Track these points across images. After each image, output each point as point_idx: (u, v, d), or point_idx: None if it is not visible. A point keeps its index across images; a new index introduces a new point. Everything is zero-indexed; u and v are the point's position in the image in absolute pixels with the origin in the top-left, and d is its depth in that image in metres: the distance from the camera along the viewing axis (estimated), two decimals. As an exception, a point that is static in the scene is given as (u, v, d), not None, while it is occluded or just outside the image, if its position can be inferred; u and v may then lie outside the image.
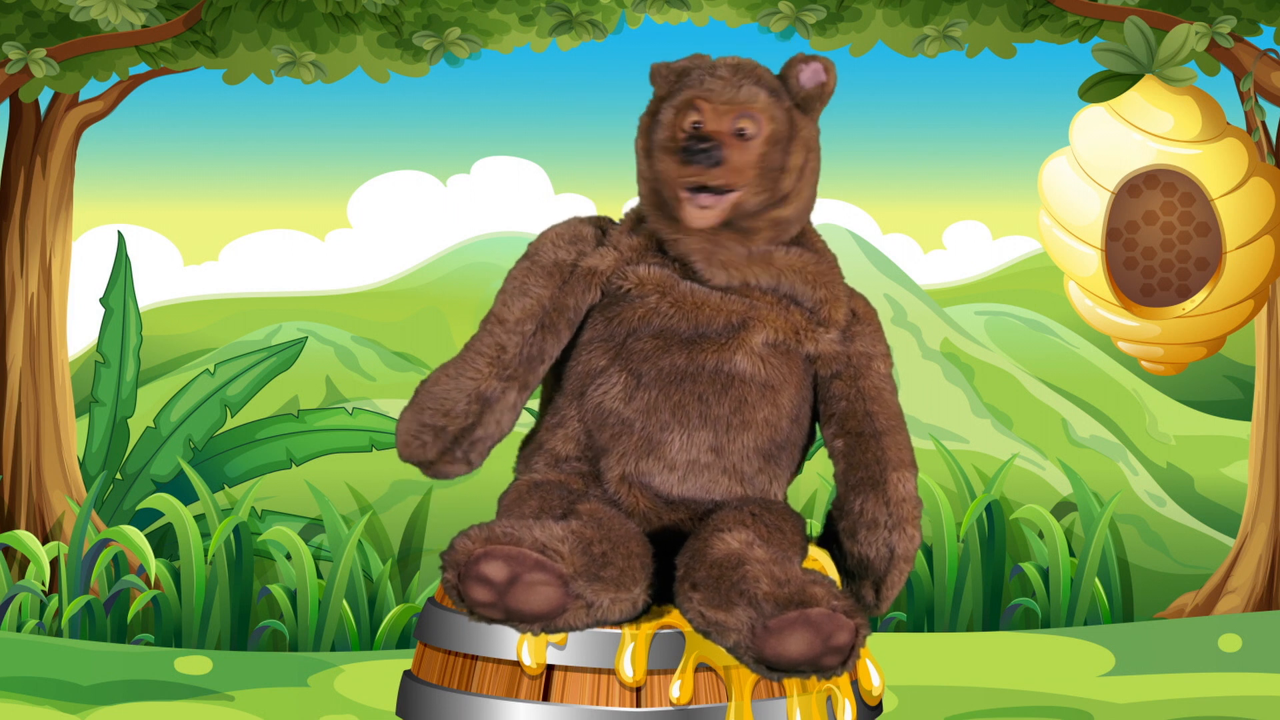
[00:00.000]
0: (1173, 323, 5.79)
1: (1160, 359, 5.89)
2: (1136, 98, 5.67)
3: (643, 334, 3.16)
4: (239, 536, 6.09)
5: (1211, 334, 5.81)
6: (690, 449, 3.14)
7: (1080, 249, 5.79)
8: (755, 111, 3.14)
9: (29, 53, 5.72)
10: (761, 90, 3.16)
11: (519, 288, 3.22)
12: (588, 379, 3.19)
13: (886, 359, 3.29)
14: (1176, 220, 5.74)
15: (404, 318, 7.55)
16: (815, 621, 2.86)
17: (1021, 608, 6.23)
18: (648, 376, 3.14)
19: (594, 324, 3.21)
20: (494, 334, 3.20)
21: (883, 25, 5.90)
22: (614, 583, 2.95)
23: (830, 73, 3.22)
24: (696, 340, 3.15)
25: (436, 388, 3.20)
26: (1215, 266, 5.70)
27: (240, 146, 7.40)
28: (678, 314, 3.15)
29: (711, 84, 3.16)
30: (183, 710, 4.87)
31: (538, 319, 3.19)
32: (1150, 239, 5.76)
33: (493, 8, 5.84)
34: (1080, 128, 5.77)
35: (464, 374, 3.19)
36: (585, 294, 3.21)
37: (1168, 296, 5.79)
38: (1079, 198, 5.79)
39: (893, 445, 3.23)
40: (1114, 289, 5.77)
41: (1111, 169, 5.74)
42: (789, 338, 3.19)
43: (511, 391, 3.19)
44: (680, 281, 3.17)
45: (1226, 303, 5.73)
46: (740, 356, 3.15)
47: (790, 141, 3.17)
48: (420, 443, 3.20)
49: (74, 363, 6.53)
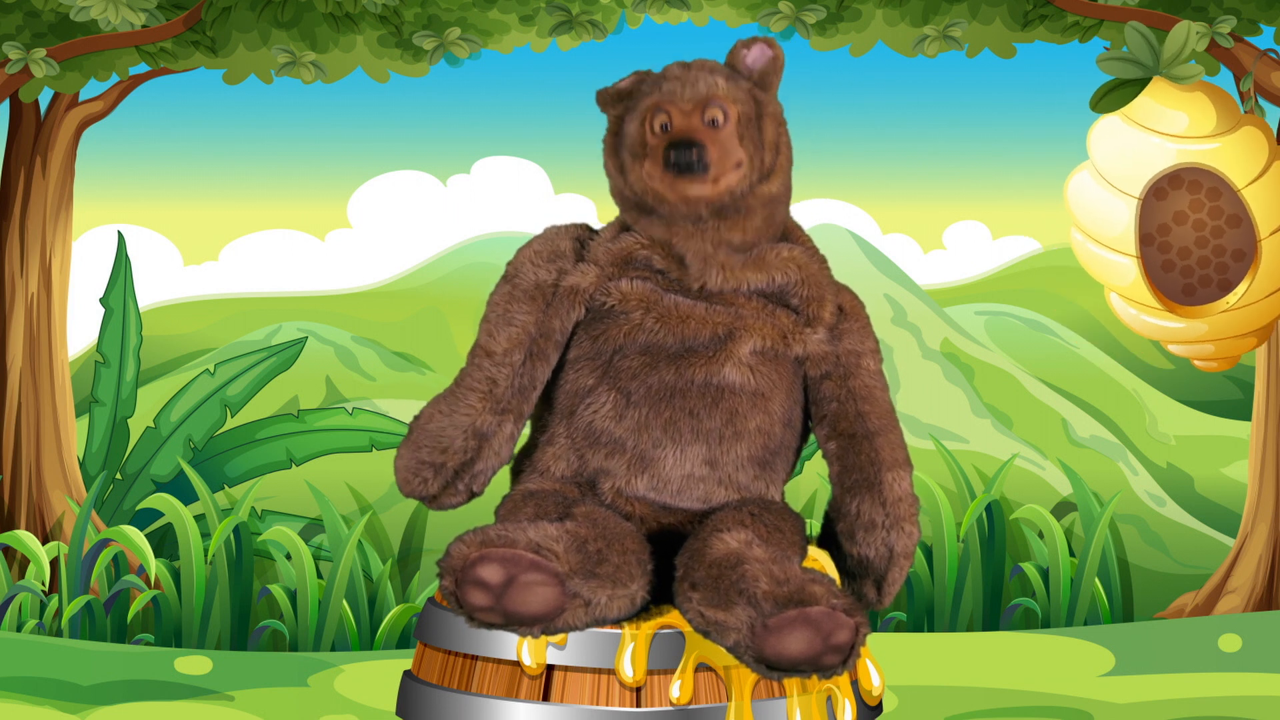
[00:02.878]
0: (1219, 318, 5.74)
1: (1212, 355, 5.84)
2: (1148, 101, 5.65)
3: (629, 351, 3.14)
4: (239, 536, 6.09)
5: (1260, 323, 5.74)
6: (684, 464, 3.14)
7: (1116, 259, 5.75)
8: (719, 99, 3.14)
9: (29, 53, 5.72)
10: (719, 78, 3.17)
11: (503, 316, 3.20)
12: (576, 398, 3.18)
13: (876, 355, 3.28)
14: (1206, 216, 5.70)
15: (404, 318, 7.54)
16: (815, 620, 2.86)
17: (1021, 608, 6.23)
18: (637, 394, 3.13)
19: (579, 342, 3.19)
20: (483, 368, 3.19)
21: (883, 25, 5.90)
22: (610, 579, 2.95)
23: (775, 46, 3.23)
24: (684, 354, 3.13)
25: (431, 425, 3.20)
26: (1252, 256, 5.66)
27: (240, 146, 7.40)
28: (663, 329, 3.14)
29: (670, 86, 3.16)
30: (183, 710, 4.87)
31: (525, 348, 3.18)
32: (1184, 239, 5.72)
33: (493, 8, 5.84)
34: (1097, 139, 5.73)
35: (458, 410, 3.18)
36: (570, 314, 3.19)
37: (1210, 293, 5.74)
38: (1107, 209, 5.75)
39: (886, 445, 3.22)
40: (1155, 293, 5.72)
41: (1134, 175, 5.70)
42: (776, 343, 3.17)
43: (508, 423, 3.19)
44: (664, 295, 3.16)
45: (1269, 289, 5.66)
46: (729, 368, 3.14)
47: (760, 118, 3.18)
48: (421, 479, 3.20)
49: (74, 363, 6.53)
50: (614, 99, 3.25)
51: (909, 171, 7.57)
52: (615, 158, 3.22)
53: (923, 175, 7.58)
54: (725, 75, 3.19)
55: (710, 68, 3.20)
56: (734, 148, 3.13)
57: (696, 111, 3.14)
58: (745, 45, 3.24)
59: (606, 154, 3.24)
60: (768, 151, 3.17)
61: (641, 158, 3.15)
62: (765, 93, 3.22)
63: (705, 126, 3.13)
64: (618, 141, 3.21)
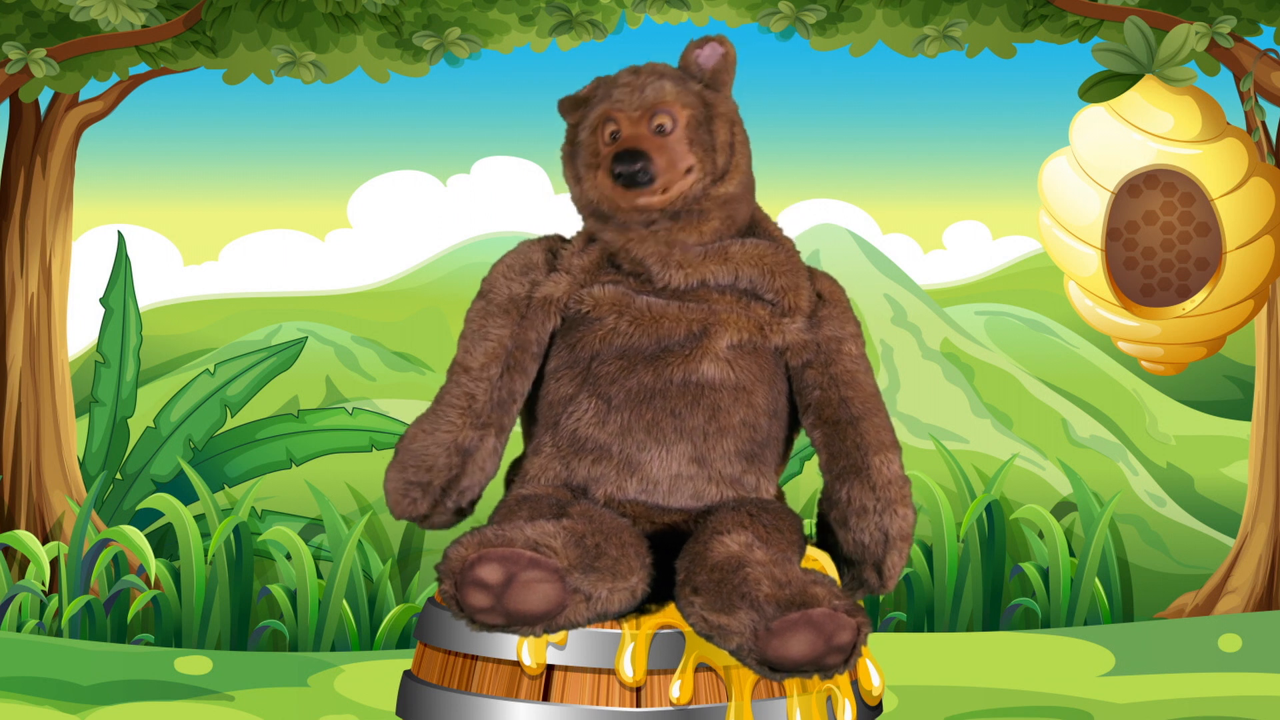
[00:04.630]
0: (1173, 323, 5.79)
1: (1160, 359, 5.90)
2: (1136, 98, 5.67)
3: (606, 356, 3.15)
4: (239, 536, 6.09)
5: (1211, 334, 5.81)
6: (671, 464, 3.14)
7: (1080, 249, 5.79)
8: (666, 105, 3.15)
9: (29, 53, 5.72)
10: (666, 82, 3.18)
11: (478, 331, 3.23)
12: (559, 407, 3.19)
13: (857, 339, 3.27)
14: (1176, 220, 5.74)
15: (404, 318, 7.54)
16: (817, 622, 2.86)
17: (1021, 608, 6.23)
18: (617, 399, 3.13)
19: (558, 352, 3.21)
20: (461, 384, 3.21)
21: (883, 25, 5.90)
22: (610, 572, 2.94)
23: (726, 43, 3.23)
24: (660, 355, 3.14)
25: (415, 444, 3.22)
26: (1215, 266, 5.70)
27: (240, 146, 7.40)
28: (638, 331, 3.14)
29: (619, 94, 3.18)
30: (183, 710, 4.87)
31: (502, 361, 3.20)
32: (1150, 239, 5.76)
33: (493, 8, 5.84)
34: (1080, 128, 5.77)
35: (439, 428, 3.20)
36: (545, 324, 3.21)
37: (1168, 296, 5.79)
38: (1079, 198, 5.79)
39: (871, 429, 3.22)
40: (1114, 289, 5.77)
41: (1111, 169, 5.74)
42: (754, 335, 3.17)
43: (489, 438, 3.21)
44: (636, 297, 3.16)
45: (1226, 303, 5.73)
46: (707, 364, 3.14)
47: (711, 121, 3.18)
48: (410, 500, 3.22)
49: (74, 363, 6.53)
50: (571, 107, 3.28)
51: (909, 171, 7.57)
52: (571, 167, 3.24)
53: (923, 175, 7.58)
54: (674, 79, 3.19)
55: (660, 72, 3.21)
56: (683, 154, 3.14)
57: (644, 118, 3.15)
58: (698, 45, 3.25)
59: (564, 163, 3.26)
60: (720, 153, 3.17)
61: (594, 168, 3.17)
62: (717, 93, 3.22)
63: (652, 134, 3.14)
64: (574, 150, 3.23)
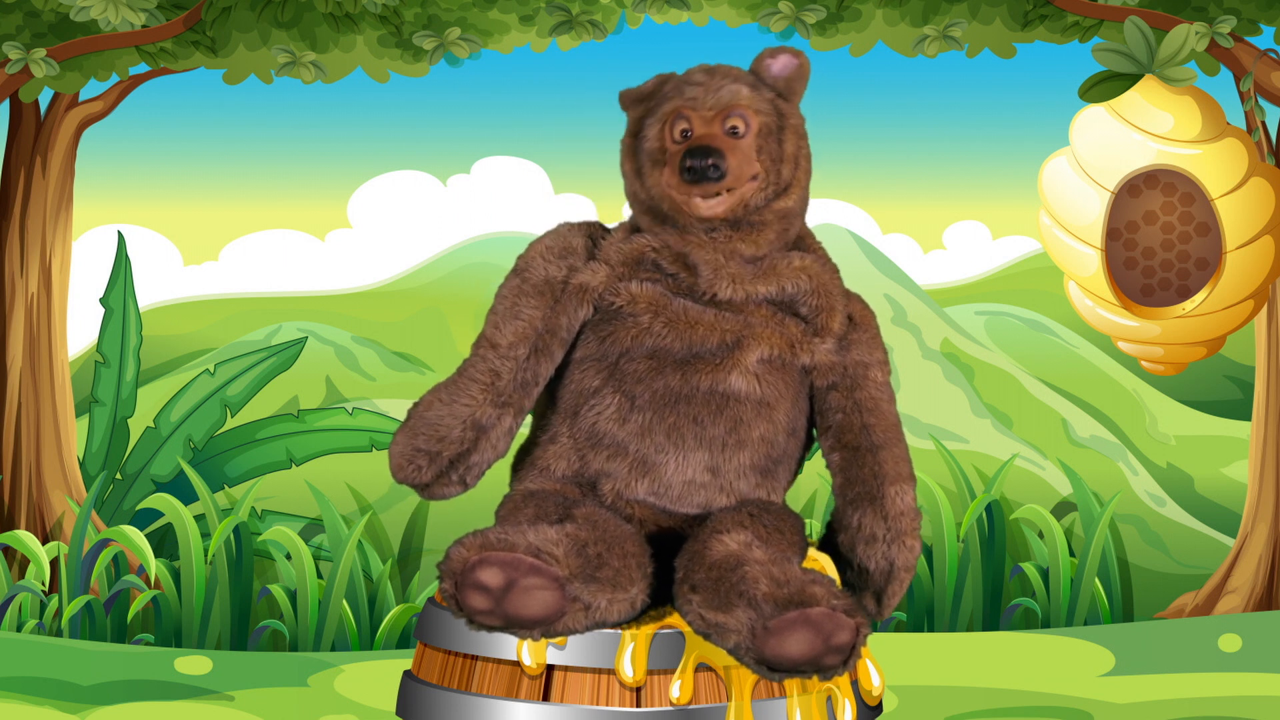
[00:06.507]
0: (1172, 323, 5.79)
1: (1160, 359, 5.90)
2: (1136, 98, 5.67)
3: (636, 355, 3.13)
4: (239, 536, 6.09)
5: (1211, 334, 5.81)
6: (686, 470, 3.12)
7: (1080, 249, 5.79)
8: (741, 108, 3.12)
9: (29, 53, 5.72)
10: (742, 86, 3.14)
11: (510, 309, 3.18)
12: (581, 399, 3.16)
13: (884, 366, 3.26)
14: (1176, 220, 5.74)
15: (404, 318, 7.54)
16: (815, 621, 2.86)
17: (1021, 608, 6.23)
18: (642, 399, 3.11)
19: (586, 342, 3.17)
20: (487, 359, 3.17)
21: (883, 25, 5.90)
22: (610, 583, 2.94)
23: (801, 56, 3.21)
24: (690, 361, 3.12)
25: (430, 413, 3.17)
26: (1215, 266, 5.70)
27: (240, 146, 7.40)
28: (671, 334, 3.12)
29: (693, 91, 3.14)
30: (183, 710, 4.87)
31: (530, 342, 3.16)
32: (1150, 239, 5.76)
33: (493, 8, 5.84)
34: (1080, 128, 5.77)
35: (458, 400, 3.15)
36: (577, 311, 3.17)
37: (1167, 296, 5.79)
38: (1079, 198, 5.79)
39: (890, 459, 3.21)
40: (1114, 289, 5.77)
41: (1111, 169, 5.74)
42: (784, 352, 3.16)
43: (507, 417, 3.16)
44: (673, 299, 3.13)
45: (1226, 303, 5.73)
46: (735, 376, 3.12)
47: (781, 131, 3.15)
48: (415, 467, 3.17)
49: (74, 363, 6.54)
50: (635, 100, 3.22)
51: (909, 171, 7.57)
52: (633, 160, 3.19)
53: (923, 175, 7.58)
54: (749, 83, 3.16)
55: (735, 75, 3.17)
56: (752, 159, 3.11)
57: (718, 119, 3.11)
58: (771, 54, 3.20)
59: (624, 155, 3.22)
60: (786, 165, 3.15)
61: (660, 164, 3.13)
62: (788, 104, 3.18)
63: (725, 135, 3.11)
64: (637, 145, 3.19)
